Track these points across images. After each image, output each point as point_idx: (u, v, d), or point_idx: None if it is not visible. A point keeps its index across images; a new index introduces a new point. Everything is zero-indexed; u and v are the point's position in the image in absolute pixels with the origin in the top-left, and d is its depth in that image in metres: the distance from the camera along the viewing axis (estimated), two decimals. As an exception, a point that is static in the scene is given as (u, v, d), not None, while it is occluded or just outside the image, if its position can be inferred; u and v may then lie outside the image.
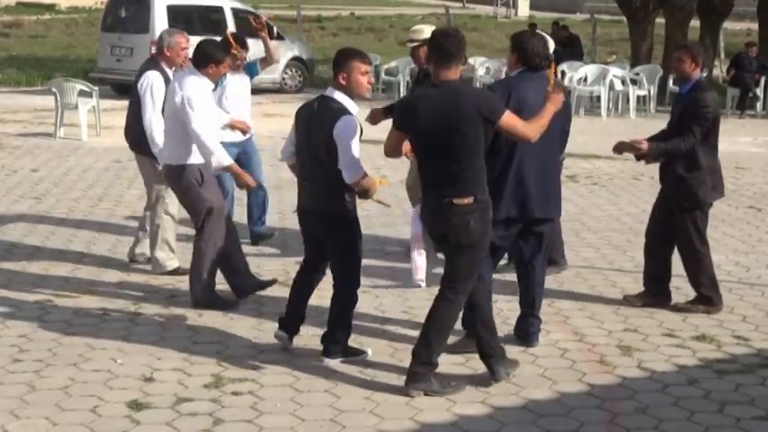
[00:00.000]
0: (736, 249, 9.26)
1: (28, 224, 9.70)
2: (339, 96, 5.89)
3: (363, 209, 10.17)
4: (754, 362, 6.36)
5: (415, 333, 6.64)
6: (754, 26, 28.43)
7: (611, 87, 20.11)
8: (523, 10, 51.14)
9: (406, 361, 6.19)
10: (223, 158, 7.02)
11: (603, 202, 11.54)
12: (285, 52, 22.50)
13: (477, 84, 22.05)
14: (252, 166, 8.67)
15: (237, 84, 8.64)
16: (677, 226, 7.26)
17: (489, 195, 5.68)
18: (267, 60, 8.93)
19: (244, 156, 8.68)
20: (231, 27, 21.64)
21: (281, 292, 7.15)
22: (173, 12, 20.84)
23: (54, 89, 15.78)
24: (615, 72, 20.48)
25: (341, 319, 6.14)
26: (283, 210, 10.38)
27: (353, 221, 6.06)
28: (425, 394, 5.64)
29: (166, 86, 7.47)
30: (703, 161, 7.11)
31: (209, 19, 22.00)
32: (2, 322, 6.80)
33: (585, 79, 20.80)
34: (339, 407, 5.54)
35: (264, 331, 6.69)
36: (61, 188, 11.50)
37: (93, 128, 15.50)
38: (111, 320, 6.87)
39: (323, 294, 6.89)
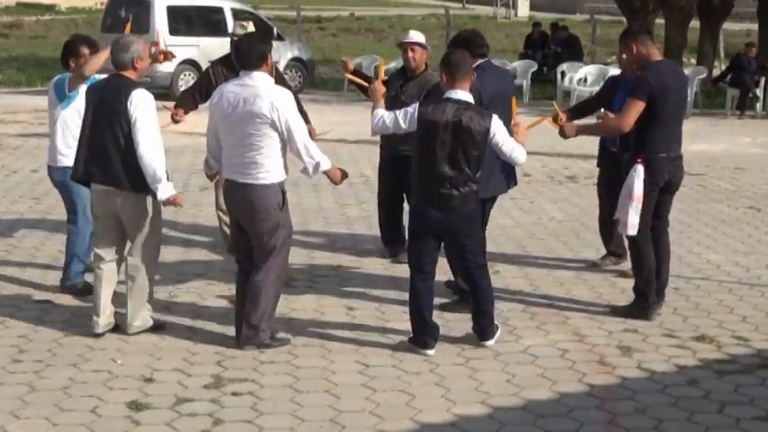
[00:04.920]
0: (736, 250, 9.26)
1: (28, 224, 9.70)
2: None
3: (364, 210, 10.20)
4: (753, 362, 6.36)
5: (415, 333, 6.66)
6: (754, 26, 28.41)
7: (611, 88, 20.07)
8: (523, 10, 51.11)
9: (406, 361, 6.21)
10: (325, 162, 6.41)
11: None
12: (285, 53, 22.51)
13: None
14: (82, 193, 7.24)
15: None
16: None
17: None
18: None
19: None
20: (231, 28, 21.70)
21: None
22: (172, 12, 20.87)
23: (54, 89, 15.75)
24: (615, 72, 20.41)
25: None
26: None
27: None
28: None
29: None
30: None
31: (209, 20, 22.01)
32: (2, 322, 6.80)
33: (585, 80, 20.80)
34: (339, 407, 5.54)
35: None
36: (61, 188, 11.48)
37: (93, 128, 15.48)
38: (110, 321, 6.86)
39: (323, 301, 6.91)
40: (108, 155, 6.39)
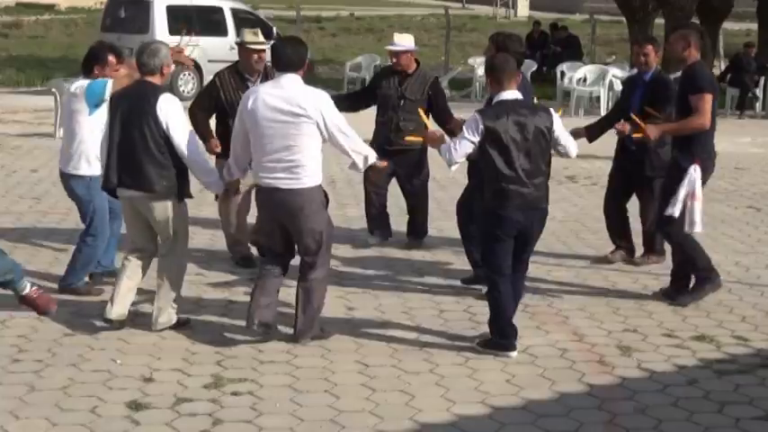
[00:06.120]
0: (736, 249, 9.26)
1: (28, 224, 9.70)
2: None
3: (363, 209, 10.19)
4: (753, 362, 6.36)
5: (415, 334, 6.67)
6: (754, 26, 28.45)
7: (611, 87, 20.09)
8: (523, 10, 51.15)
9: (406, 361, 6.22)
10: (372, 153, 6.60)
11: (603, 202, 11.50)
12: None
13: (477, 84, 22.08)
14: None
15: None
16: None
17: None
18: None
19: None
20: (231, 28, 21.72)
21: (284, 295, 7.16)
22: (172, 12, 20.85)
23: (54, 89, 15.78)
24: (614, 72, 20.46)
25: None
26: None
27: None
28: None
29: None
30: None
31: (208, 20, 22.01)
32: (2, 322, 6.80)
33: (585, 80, 20.80)
34: (339, 407, 5.55)
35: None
36: (60, 188, 11.41)
37: (93, 128, 15.48)
38: (110, 321, 6.86)
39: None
40: (139, 161, 6.42)
